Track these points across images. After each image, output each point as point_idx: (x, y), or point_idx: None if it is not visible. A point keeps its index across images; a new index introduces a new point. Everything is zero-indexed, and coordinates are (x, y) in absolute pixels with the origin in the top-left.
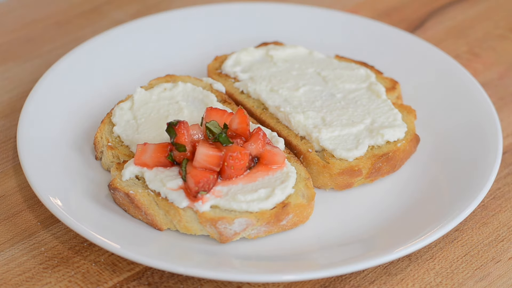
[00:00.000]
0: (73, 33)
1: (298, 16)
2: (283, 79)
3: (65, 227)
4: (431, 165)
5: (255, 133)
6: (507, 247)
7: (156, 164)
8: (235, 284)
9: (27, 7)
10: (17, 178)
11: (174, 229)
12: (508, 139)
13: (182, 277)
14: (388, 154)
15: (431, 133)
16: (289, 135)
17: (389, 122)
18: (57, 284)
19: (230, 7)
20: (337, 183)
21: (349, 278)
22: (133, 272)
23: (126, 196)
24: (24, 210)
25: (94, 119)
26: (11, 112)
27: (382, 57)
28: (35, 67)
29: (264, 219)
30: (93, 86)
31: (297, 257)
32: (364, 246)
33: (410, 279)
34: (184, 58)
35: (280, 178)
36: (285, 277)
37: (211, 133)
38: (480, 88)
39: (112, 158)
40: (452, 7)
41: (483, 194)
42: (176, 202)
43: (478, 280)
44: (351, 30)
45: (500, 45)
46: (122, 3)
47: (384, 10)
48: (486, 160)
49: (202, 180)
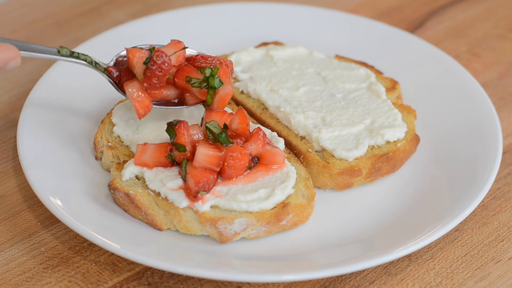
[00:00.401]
0: (73, 33)
1: (298, 16)
2: (283, 79)
3: (65, 227)
4: (431, 165)
5: (255, 133)
6: (507, 247)
7: (156, 164)
8: (235, 284)
9: (27, 7)
10: (17, 178)
11: (174, 229)
12: (508, 139)
13: (182, 277)
14: (388, 154)
15: (431, 133)
16: (289, 135)
17: (389, 122)
18: (57, 284)
19: (230, 7)
20: (337, 183)
21: (349, 278)
22: (133, 272)
23: (126, 196)
24: (24, 210)
25: (94, 119)
26: (11, 112)
27: (382, 57)
28: (35, 67)
29: (264, 219)
30: (93, 86)
31: (297, 257)
32: (364, 246)
33: (410, 279)
34: None
35: (280, 178)
36: (285, 277)
37: (211, 133)
38: (480, 88)
39: (112, 158)
40: (452, 7)
41: (483, 194)
42: (176, 202)
43: (478, 280)
44: (351, 30)
45: (500, 45)
46: (122, 3)
47: (384, 10)
48: (486, 160)
49: (202, 180)
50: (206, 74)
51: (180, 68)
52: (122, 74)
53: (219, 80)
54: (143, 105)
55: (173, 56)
